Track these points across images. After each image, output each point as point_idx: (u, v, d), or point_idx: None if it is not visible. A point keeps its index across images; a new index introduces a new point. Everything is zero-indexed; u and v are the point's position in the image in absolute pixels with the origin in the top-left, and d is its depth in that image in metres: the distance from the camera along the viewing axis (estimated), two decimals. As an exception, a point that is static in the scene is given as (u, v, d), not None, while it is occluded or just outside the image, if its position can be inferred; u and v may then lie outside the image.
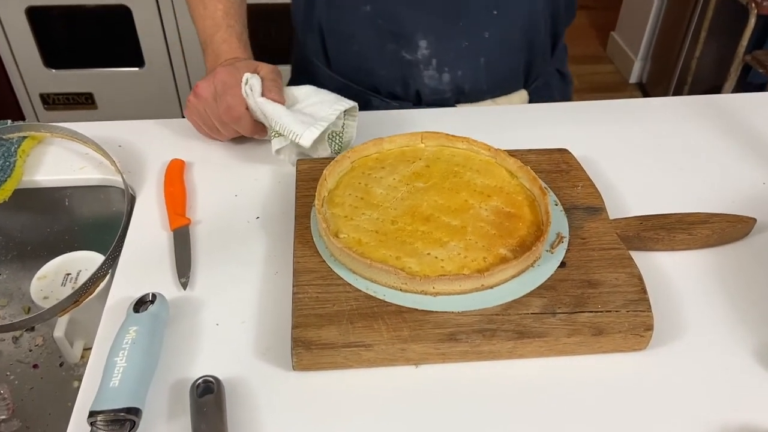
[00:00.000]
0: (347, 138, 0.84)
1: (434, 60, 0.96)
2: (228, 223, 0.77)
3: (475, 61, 0.97)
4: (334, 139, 0.83)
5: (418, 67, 0.97)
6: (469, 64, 0.97)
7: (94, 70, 2.23)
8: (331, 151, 0.83)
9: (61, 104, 2.30)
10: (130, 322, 0.61)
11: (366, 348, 0.60)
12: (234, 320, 0.66)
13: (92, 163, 0.85)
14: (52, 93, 2.27)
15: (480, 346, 0.61)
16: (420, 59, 0.96)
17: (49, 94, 2.27)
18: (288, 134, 0.78)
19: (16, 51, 2.14)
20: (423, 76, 0.97)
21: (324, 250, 0.68)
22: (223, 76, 0.81)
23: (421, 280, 0.62)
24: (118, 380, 0.56)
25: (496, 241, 0.67)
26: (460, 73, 0.97)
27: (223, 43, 0.90)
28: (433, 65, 0.96)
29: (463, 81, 0.98)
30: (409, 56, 0.96)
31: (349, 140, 0.84)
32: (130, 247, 0.74)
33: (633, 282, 0.66)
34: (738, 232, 0.74)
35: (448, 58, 0.96)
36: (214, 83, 0.81)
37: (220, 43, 0.90)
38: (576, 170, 0.80)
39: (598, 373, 0.62)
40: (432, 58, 0.95)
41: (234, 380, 0.60)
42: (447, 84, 0.98)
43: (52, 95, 2.28)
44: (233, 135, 0.86)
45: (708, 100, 1.01)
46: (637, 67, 3.02)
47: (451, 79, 0.97)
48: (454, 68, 0.97)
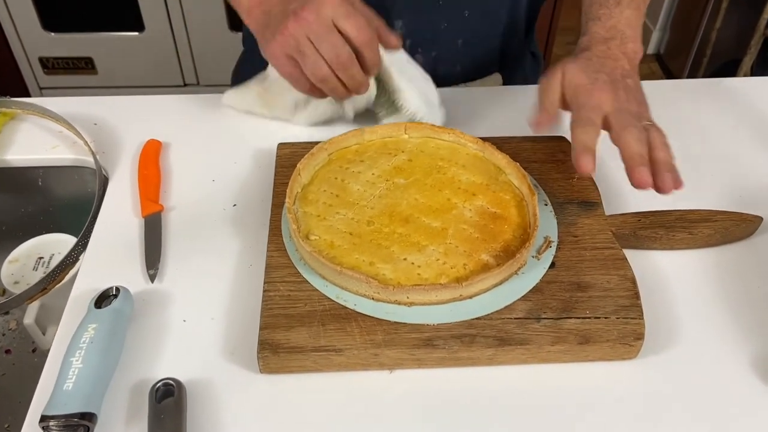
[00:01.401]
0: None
1: (408, 41, 0.88)
2: (203, 210, 0.73)
3: (452, 42, 0.91)
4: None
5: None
6: (446, 46, 0.91)
7: (93, 34, 2.18)
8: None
9: (61, 68, 2.26)
10: (90, 319, 0.58)
11: (337, 353, 0.57)
12: (203, 317, 0.63)
13: (66, 142, 0.81)
14: (51, 57, 2.23)
15: (458, 353, 0.58)
16: None
17: (48, 58, 2.23)
18: (406, 111, 0.75)
19: (14, 12, 2.10)
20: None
21: (294, 253, 0.64)
22: (335, 2, 0.63)
23: (394, 290, 0.58)
24: (72, 383, 0.54)
25: (479, 246, 0.63)
26: (435, 54, 0.91)
27: None
28: (407, 45, 0.88)
29: (437, 62, 0.92)
30: None
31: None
32: (99, 233, 0.71)
33: (626, 286, 0.62)
34: (742, 232, 0.70)
35: (423, 39, 0.89)
36: (327, 5, 0.63)
37: None
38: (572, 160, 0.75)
39: (584, 382, 0.59)
40: (406, 38, 0.88)
41: (198, 382, 0.57)
42: (420, 65, 0.91)
43: (51, 59, 2.24)
44: (320, 91, 0.68)
45: (724, 84, 0.95)
46: (655, 38, 2.92)
47: (425, 60, 0.90)
48: (428, 49, 0.90)
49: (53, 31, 2.15)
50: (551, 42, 2.25)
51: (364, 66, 0.67)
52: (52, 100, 0.85)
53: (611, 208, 0.71)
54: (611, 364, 0.60)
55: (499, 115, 0.86)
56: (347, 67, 0.65)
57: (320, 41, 0.64)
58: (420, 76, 0.80)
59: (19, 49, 2.20)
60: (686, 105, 0.90)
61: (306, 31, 0.63)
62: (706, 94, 0.92)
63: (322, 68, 0.65)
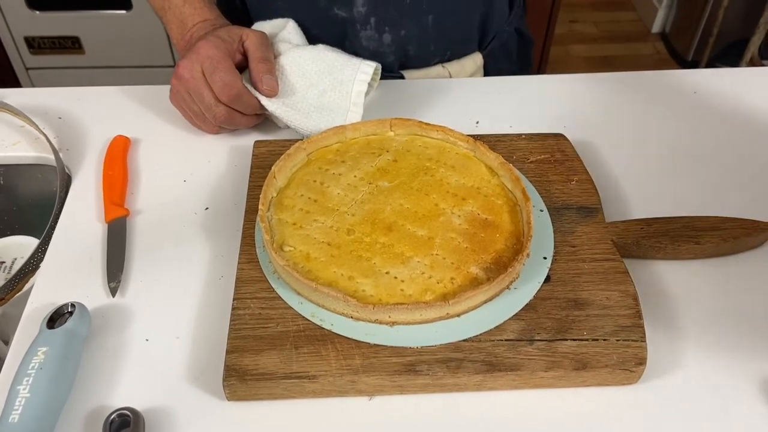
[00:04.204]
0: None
1: (372, 18, 0.82)
2: (172, 214, 0.68)
3: (421, 18, 0.84)
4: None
5: (355, 27, 0.83)
6: (414, 22, 0.84)
7: (80, 13, 2.12)
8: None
9: (47, 48, 2.20)
10: (41, 341, 0.53)
11: (310, 380, 0.52)
12: (167, 335, 0.58)
13: (27, 138, 0.76)
14: (37, 36, 2.17)
15: (443, 379, 0.53)
16: (356, 17, 0.83)
17: (34, 38, 2.17)
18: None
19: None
20: (360, 37, 0.84)
21: (267, 265, 0.59)
22: (207, 50, 0.70)
23: (375, 309, 0.53)
24: (18, 414, 0.49)
25: (468, 257, 0.58)
26: (404, 32, 0.84)
27: (185, 5, 0.79)
28: (372, 24, 0.83)
29: (407, 42, 0.85)
30: (343, 13, 0.83)
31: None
32: (58, 240, 0.66)
33: (627, 303, 0.57)
34: (753, 241, 0.64)
35: (389, 16, 0.83)
36: (199, 60, 0.70)
37: (180, 6, 0.79)
38: (572, 161, 0.70)
39: (579, 408, 0.54)
40: (370, 16, 0.82)
41: (158, 411, 0.53)
42: (388, 46, 0.85)
43: (37, 38, 2.18)
44: (217, 128, 0.75)
45: (739, 74, 0.89)
46: (661, 16, 2.83)
47: (393, 39, 0.84)
48: (396, 27, 0.84)
49: (39, 9, 2.09)
50: (553, 19, 2.13)
51: (242, 112, 0.74)
52: (15, 92, 0.79)
53: (612, 214, 0.66)
54: (609, 389, 0.55)
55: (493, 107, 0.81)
56: (226, 119, 0.73)
57: (198, 96, 0.72)
58: (325, 71, 0.74)
59: (4, 29, 2.13)
60: (696, 98, 0.84)
61: (185, 87, 0.72)
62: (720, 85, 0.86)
63: (204, 118, 0.74)
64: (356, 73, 0.72)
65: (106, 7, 2.10)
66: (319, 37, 0.82)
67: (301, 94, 0.73)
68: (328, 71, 0.73)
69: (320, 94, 0.72)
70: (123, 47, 2.17)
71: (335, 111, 0.71)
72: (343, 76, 0.72)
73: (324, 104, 0.72)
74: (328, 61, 0.74)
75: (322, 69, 0.74)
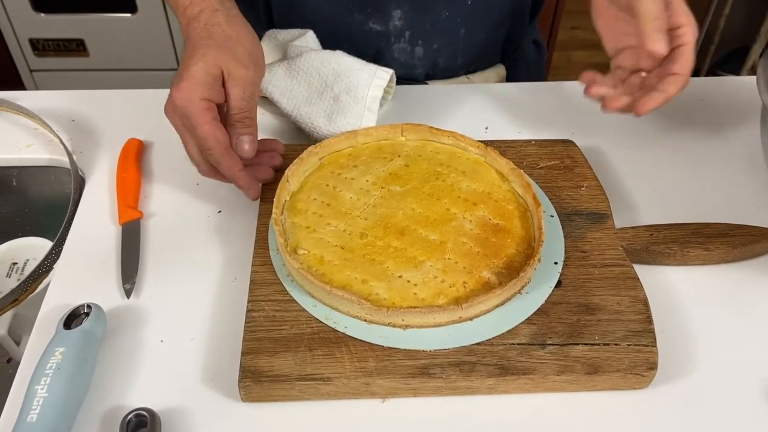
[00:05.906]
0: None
1: (407, 32, 0.84)
2: (186, 217, 0.69)
3: (454, 32, 0.85)
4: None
5: (389, 40, 0.85)
6: (447, 36, 0.85)
7: (85, 15, 2.12)
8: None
9: (51, 50, 2.20)
10: (58, 342, 0.54)
11: (325, 382, 0.53)
12: (182, 337, 0.58)
13: (41, 141, 0.76)
14: (42, 38, 2.17)
15: (456, 382, 0.53)
16: (391, 30, 0.84)
17: (38, 40, 2.17)
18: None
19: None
20: (393, 50, 0.86)
21: (281, 268, 0.59)
22: (179, 99, 0.59)
23: (389, 312, 0.54)
24: (36, 414, 0.49)
25: (480, 262, 0.58)
26: (436, 46, 0.86)
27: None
28: (406, 38, 0.84)
29: (438, 54, 0.87)
30: (379, 27, 0.84)
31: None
32: (73, 242, 0.66)
33: (637, 308, 0.57)
34: (761, 248, 0.65)
35: (423, 30, 0.84)
36: (177, 112, 0.60)
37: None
38: (581, 167, 0.70)
39: (590, 413, 0.54)
40: (405, 30, 0.84)
41: (174, 412, 0.53)
42: (419, 59, 0.86)
43: (42, 41, 2.18)
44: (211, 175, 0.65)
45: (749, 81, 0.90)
46: (662, 23, 2.85)
47: (425, 53, 0.86)
48: (429, 41, 0.85)
49: (44, 11, 2.09)
50: (556, 26, 2.15)
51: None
52: (28, 94, 0.80)
53: (622, 221, 0.66)
54: (620, 393, 0.55)
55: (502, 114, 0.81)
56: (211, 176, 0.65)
57: (183, 142, 0.63)
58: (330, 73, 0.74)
59: (9, 31, 2.14)
60: (705, 105, 0.84)
61: (171, 121, 0.62)
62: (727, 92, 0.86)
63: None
64: (372, 78, 0.73)
65: (111, 10, 2.11)
66: (350, 50, 0.81)
67: (317, 95, 0.73)
68: (345, 74, 0.74)
69: (335, 98, 0.73)
70: (128, 50, 2.18)
71: (349, 115, 0.72)
72: (359, 80, 0.73)
73: (338, 108, 0.73)
74: (345, 65, 0.75)
75: (338, 71, 0.74)
